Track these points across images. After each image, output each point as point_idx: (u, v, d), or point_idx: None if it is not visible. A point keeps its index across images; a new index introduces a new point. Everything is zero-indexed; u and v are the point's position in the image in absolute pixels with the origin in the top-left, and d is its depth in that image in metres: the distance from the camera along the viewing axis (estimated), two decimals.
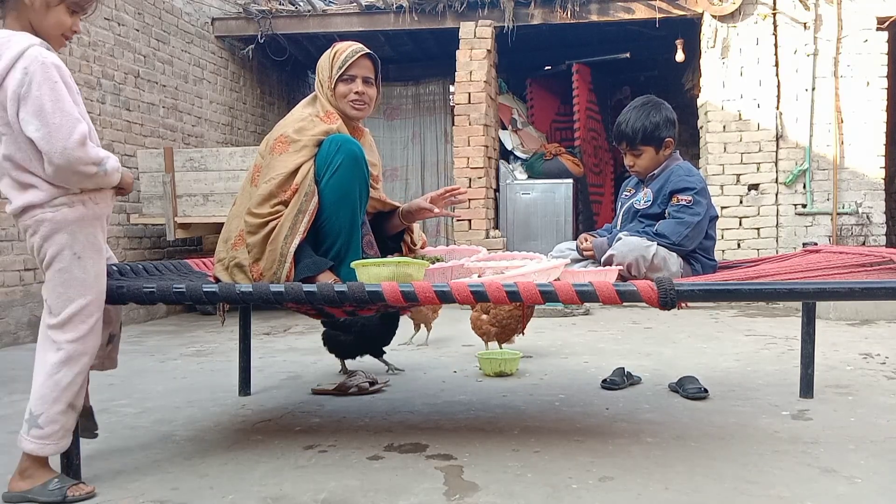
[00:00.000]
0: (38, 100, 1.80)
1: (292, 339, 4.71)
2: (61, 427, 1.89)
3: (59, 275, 1.89)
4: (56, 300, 1.89)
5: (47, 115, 1.80)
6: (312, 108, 2.45)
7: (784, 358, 3.80)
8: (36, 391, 1.87)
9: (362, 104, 2.45)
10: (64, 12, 1.92)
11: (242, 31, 7.15)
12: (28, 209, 1.87)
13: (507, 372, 3.42)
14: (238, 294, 2.01)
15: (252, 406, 2.92)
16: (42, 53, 1.84)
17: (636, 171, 2.82)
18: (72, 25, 1.95)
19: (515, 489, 1.94)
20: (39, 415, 1.86)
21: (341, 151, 2.28)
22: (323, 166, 2.28)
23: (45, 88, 1.81)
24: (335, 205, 2.28)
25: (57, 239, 1.88)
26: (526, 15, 6.68)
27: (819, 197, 6.40)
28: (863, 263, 2.22)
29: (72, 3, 1.92)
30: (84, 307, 1.90)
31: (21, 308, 4.76)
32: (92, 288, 1.92)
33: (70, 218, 1.89)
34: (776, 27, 6.40)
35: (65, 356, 1.88)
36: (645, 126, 2.71)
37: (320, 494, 1.92)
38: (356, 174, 2.30)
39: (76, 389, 1.91)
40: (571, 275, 2.29)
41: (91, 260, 1.92)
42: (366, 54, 2.44)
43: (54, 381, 1.87)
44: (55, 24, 1.92)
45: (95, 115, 5.46)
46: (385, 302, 1.99)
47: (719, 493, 1.89)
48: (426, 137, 8.36)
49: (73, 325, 1.89)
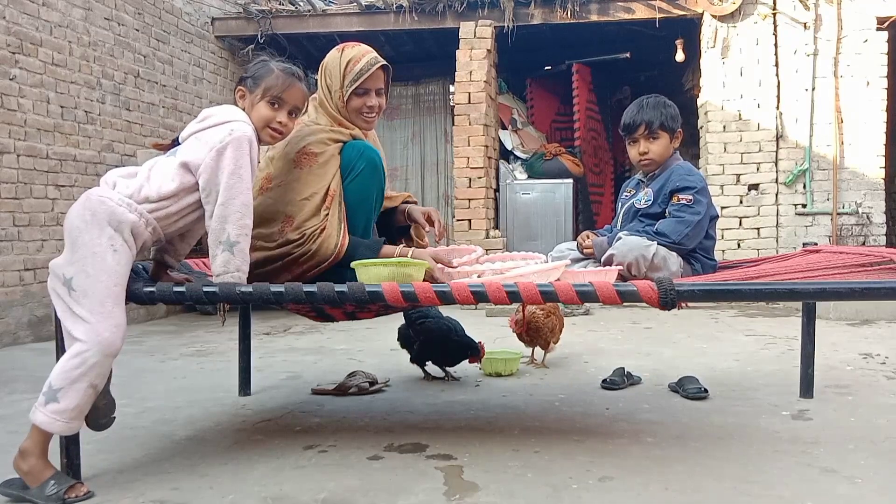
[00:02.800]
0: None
1: (292, 339, 4.71)
2: (77, 406, 1.88)
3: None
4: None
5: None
6: (324, 116, 2.41)
7: (784, 358, 3.80)
8: (60, 365, 1.88)
9: (373, 116, 2.43)
10: (265, 107, 2.13)
11: (242, 31, 7.14)
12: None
13: (507, 372, 3.42)
14: (238, 294, 2.01)
15: (252, 406, 2.92)
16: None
17: (649, 158, 2.76)
18: (275, 117, 2.14)
19: (515, 489, 1.94)
20: (59, 389, 1.86)
21: (363, 158, 2.31)
22: (345, 171, 2.32)
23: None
24: (353, 207, 2.32)
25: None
26: (526, 15, 6.68)
27: (819, 197, 6.40)
28: (863, 263, 2.22)
29: (272, 96, 2.13)
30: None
31: (21, 308, 4.76)
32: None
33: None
34: (776, 27, 6.40)
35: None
36: (663, 113, 2.75)
37: (320, 494, 1.92)
38: (375, 180, 2.34)
39: (100, 371, 1.91)
40: (571, 275, 2.29)
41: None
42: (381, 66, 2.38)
43: (82, 358, 1.87)
44: (259, 119, 2.13)
45: (95, 115, 5.47)
46: (385, 302, 1.99)
47: (719, 493, 1.89)
48: (426, 137, 8.35)
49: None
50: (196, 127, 2.09)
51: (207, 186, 2.01)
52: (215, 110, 2.12)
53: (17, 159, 4.73)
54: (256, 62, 2.21)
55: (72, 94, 5.22)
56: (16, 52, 4.71)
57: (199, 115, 2.13)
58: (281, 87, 2.13)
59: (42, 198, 4.96)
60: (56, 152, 5.07)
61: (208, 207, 2.03)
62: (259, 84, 2.14)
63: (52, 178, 5.04)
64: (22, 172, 4.78)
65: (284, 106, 2.15)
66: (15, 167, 4.72)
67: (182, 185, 2.02)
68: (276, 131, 2.16)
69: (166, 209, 2.02)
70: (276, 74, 2.15)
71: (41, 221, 4.95)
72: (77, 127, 5.27)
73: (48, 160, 5.00)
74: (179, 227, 2.11)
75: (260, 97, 2.13)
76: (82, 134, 5.32)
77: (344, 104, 2.37)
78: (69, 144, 5.19)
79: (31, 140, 4.84)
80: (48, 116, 4.99)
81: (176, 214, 2.05)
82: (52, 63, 5.03)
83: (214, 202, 2.01)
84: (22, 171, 4.78)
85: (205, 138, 2.04)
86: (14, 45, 4.69)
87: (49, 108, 5.00)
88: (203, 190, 2.02)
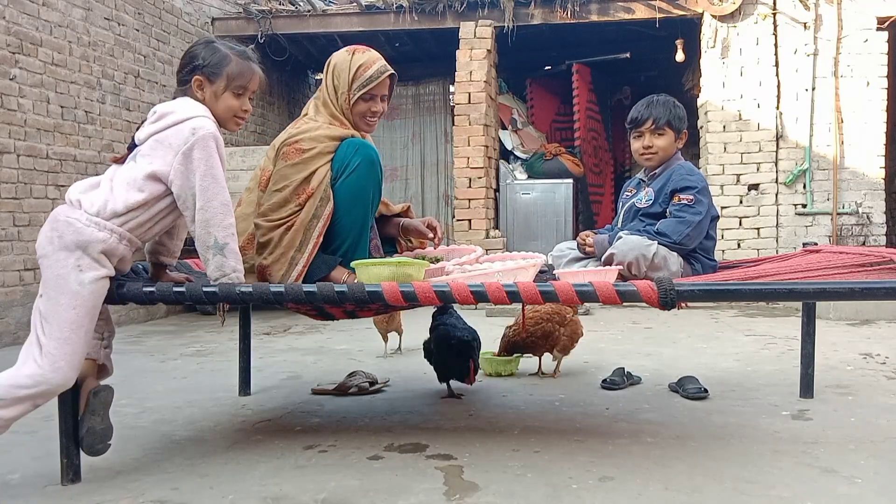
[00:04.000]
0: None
1: (292, 339, 4.71)
2: (13, 418, 1.89)
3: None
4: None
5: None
6: (324, 115, 2.40)
7: (784, 358, 3.80)
8: (10, 377, 1.89)
9: (375, 121, 2.45)
10: (231, 97, 2.09)
11: (242, 31, 7.14)
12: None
13: (507, 372, 3.42)
14: (238, 294, 2.01)
15: (252, 406, 2.92)
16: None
17: (652, 153, 2.77)
18: (241, 106, 2.11)
19: (515, 489, 1.94)
20: (1, 398, 1.86)
21: (359, 154, 2.29)
22: (340, 167, 2.29)
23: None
24: (348, 205, 2.29)
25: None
26: (526, 15, 6.68)
27: (819, 197, 6.40)
28: (863, 263, 2.22)
29: (236, 86, 2.09)
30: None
31: (21, 308, 4.76)
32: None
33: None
34: (776, 27, 6.40)
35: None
36: (670, 110, 2.78)
37: (320, 494, 1.92)
38: (371, 177, 2.32)
39: (49, 397, 1.92)
40: (571, 275, 2.29)
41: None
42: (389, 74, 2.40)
43: (34, 381, 1.88)
44: (226, 109, 2.10)
45: (95, 115, 5.46)
46: (385, 302, 1.99)
47: (719, 493, 1.89)
48: (426, 137, 8.35)
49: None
50: (154, 127, 2.00)
51: (182, 193, 1.96)
52: (170, 106, 2.03)
53: (17, 159, 4.73)
54: (204, 47, 2.10)
55: (72, 94, 5.21)
56: (16, 52, 4.71)
57: (154, 113, 2.03)
58: (246, 77, 2.10)
59: (42, 198, 4.96)
60: (56, 152, 5.07)
61: (187, 213, 1.98)
62: (219, 74, 2.06)
63: (52, 178, 5.04)
64: (22, 172, 4.78)
65: (247, 93, 2.12)
66: (15, 167, 4.72)
67: (152, 195, 1.97)
68: (240, 119, 2.13)
69: (137, 219, 1.97)
70: (237, 62, 2.08)
71: (41, 221, 4.89)
72: (77, 127, 5.27)
73: (48, 160, 5.00)
74: (157, 231, 2.07)
75: (224, 88, 2.07)
76: (82, 134, 5.32)
77: (349, 107, 2.38)
78: (69, 144, 5.19)
79: (31, 140, 4.84)
80: (48, 116, 4.99)
81: (149, 221, 2.01)
82: (52, 63, 5.03)
83: (193, 207, 1.96)
84: (22, 171, 4.78)
85: (167, 140, 1.97)
86: (14, 45, 4.69)
87: (49, 108, 5.00)
88: (178, 197, 1.97)
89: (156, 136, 1.99)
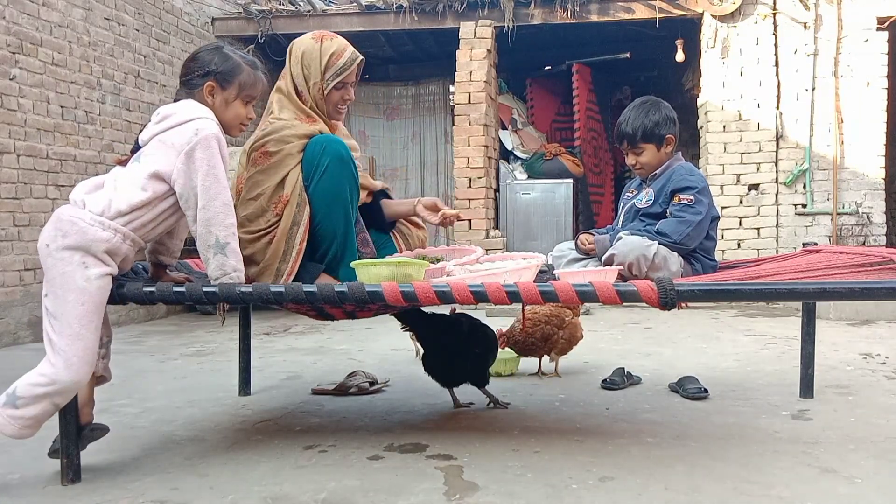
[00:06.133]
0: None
1: (292, 339, 4.71)
2: (34, 416, 1.90)
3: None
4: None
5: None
6: (289, 110, 2.34)
7: (784, 358, 3.80)
8: (29, 378, 1.89)
9: (345, 108, 2.41)
10: (240, 105, 2.14)
11: (242, 31, 7.15)
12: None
13: (507, 372, 3.42)
14: (238, 294, 2.01)
15: (252, 406, 2.92)
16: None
17: (639, 169, 2.80)
18: (247, 114, 2.16)
19: (515, 489, 1.94)
20: (21, 398, 1.88)
21: (327, 153, 2.22)
22: (310, 170, 2.24)
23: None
24: (327, 208, 2.24)
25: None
26: (526, 15, 6.69)
27: (819, 197, 6.40)
28: (863, 263, 2.22)
29: (245, 95, 2.14)
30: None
31: (21, 308, 4.76)
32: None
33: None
34: (776, 27, 6.40)
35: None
36: (644, 124, 2.73)
37: (320, 494, 1.92)
38: (344, 174, 2.25)
39: (66, 395, 1.92)
40: (571, 275, 2.29)
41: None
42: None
43: (49, 378, 1.88)
44: (234, 117, 2.14)
45: (95, 115, 5.47)
46: (385, 302, 1.99)
47: (719, 493, 1.89)
48: (426, 137, 8.36)
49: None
50: (157, 128, 2.02)
51: (184, 192, 1.97)
52: (174, 108, 2.05)
53: (17, 159, 4.73)
54: (217, 53, 2.12)
55: (72, 94, 5.22)
56: (16, 52, 4.71)
57: (158, 115, 2.05)
58: (256, 88, 2.14)
59: (42, 198, 4.96)
60: (56, 152, 5.07)
61: (189, 213, 1.99)
62: (232, 82, 2.09)
63: (52, 178, 5.04)
64: (22, 172, 4.78)
65: (252, 101, 2.17)
66: (15, 167, 4.72)
67: (155, 194, 1.98)
68: (244, 125, 2.17)
69: (141, 218, 1.98)
70: (248, 71, 2.12)
71: (41, 221, 4.94)
72: (77, 127, 5.27)
73: (48, 160, 5.00)
74: (160, 231, 2.08)
75: (235, 95, 2.10)
76: (82, 134, 5.32)
77: (322, 97, 2.34)
78: (69, 144, 5.19)
79: (31, 140, 4.84)
80: (48, 116, 4.99)
81: (153, 221, 2.01)
82: (52, 63, 5.03)
83: (195, 206, 1.97)
84: (22, 171, 4.78)
85: (169, 140, 1.98)
86: (14, 45, 4.69)
87: (49, 108, 5.00)
88: (181, 197, 1.98)
89: (159, 136, 2.01)
